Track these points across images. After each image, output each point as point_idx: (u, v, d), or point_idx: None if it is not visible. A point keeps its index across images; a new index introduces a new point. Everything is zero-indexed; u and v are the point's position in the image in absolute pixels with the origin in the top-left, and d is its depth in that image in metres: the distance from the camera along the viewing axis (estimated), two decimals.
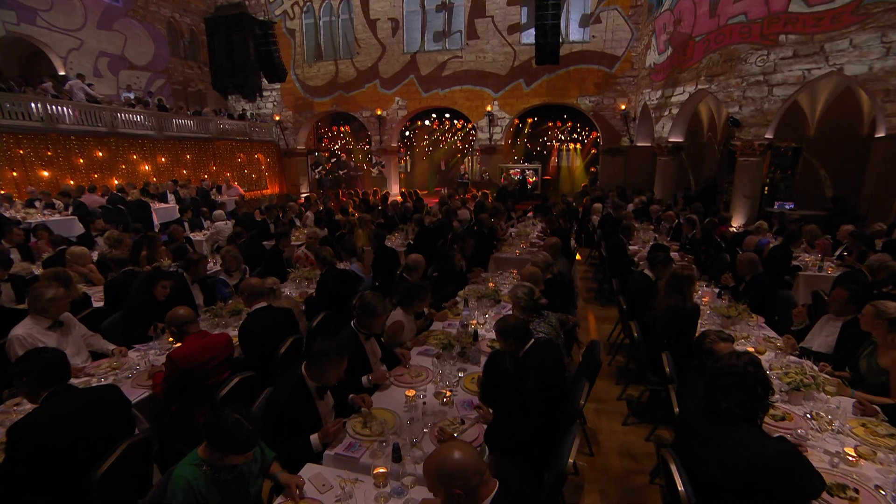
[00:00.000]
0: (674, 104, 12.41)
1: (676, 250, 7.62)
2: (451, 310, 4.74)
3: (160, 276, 4.21)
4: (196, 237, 9.49)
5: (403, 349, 3.86)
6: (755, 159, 10.49)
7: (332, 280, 4.98)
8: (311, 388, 2.76)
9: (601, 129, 16.77)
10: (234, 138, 17.73)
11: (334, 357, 2.72)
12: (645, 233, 8.99)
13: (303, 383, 2.76)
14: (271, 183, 20.00)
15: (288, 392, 2.72)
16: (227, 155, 17.39)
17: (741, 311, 4.35)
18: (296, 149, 20.42)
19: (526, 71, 16.71)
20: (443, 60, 17.58)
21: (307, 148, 21.04)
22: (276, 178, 20.22)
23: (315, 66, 19.14)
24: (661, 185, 13.72)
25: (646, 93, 14.18)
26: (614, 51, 15.78)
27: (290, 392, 2.72)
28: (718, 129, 14.15)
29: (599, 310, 7.37)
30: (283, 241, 6.56)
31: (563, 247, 6.66)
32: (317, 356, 2.71)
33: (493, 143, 17.85)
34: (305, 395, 2.75)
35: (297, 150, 20.50)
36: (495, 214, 8.70)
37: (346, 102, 19.08)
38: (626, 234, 7.32)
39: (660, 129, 13.28)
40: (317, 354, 2.71)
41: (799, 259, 6.77)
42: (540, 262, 4.78)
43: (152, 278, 4.14)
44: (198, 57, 18.71)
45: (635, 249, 7.67)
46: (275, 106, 20.05)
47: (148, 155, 14.02)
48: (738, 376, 2.06)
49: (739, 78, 10.16)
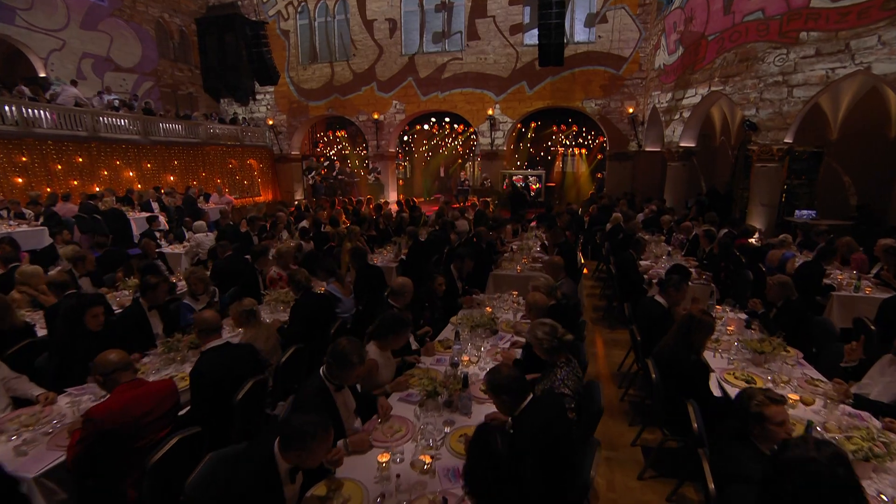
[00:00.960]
0: (685, 107, 11.94)
1: (694, 266, 7.08)
2: (440, 343, 4.20)
3: (88, 302, 3.69)
4: (176, 250, 9.01)
5: (382, 395, 3.33)
6: (773, 165, 9.96)
7: (306, 307, 4.45)
8: (282, 470, 2.22)
9: (608, 134, 16.33)
10: (224, 143, 17.30)
11: (319, 434, 2.16)
12: (657, 246, 8.46)
13: (272, 465, 2.20)
14: (264, 189, 19.59)
15: (252, 476, 2.14)
16: (217, 161, 16.96)
17: (776, 346, 3.80)
18: (290, 154, 20.02)
19: (529, 73, 16.30)
20: (442, 62, 17.19)
21: (302, 153, 20.65)
22: (269, 185, 19.81)
23: (310, 68, 18.76)
24: (672, 192, 13.22)
25: (655, 95, 13.72)
26: (621, 51, 15.34)
27: (255, 476, 2.15)
28: (732, 133, 13.67)
29: (608, 333, 6.82)
30: (260, 261, 6.02)
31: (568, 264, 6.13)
32: (297, 437, 2.15)
33: (495, 148, 17.39)
34: (273, 481, 2.19)
35: (292, 156, 20.10)
36: (497, 227, 8.16)
37: (342, 106, 18.69)
38: (637, 250, 6.78)
39: (670, 133, 12.80)
40: (296, 435, 2.15)
41: (830, 276, 6.21)
42: (543, 287, 4.26)
43: (80, 306, 3.62)
44: (188, 59, 18.32)
45: (646, 265, 7.14)
46: (268, 109, 19.66)
47: (132, 161, 13.57)
48: (819, 479, 1.50)
49: (756, 79, 9.67)
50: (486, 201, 15.02)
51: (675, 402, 3.39)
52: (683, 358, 3.43)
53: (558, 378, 3.06)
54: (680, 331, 3.51)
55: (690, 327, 3.44)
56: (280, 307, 5.27)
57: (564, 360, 3.11)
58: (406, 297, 4.28)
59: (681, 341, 3.48)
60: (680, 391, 3.36)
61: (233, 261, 6.72)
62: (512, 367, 2.63)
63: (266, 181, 19.69)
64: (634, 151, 15.90)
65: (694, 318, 3.43)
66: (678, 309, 4.35)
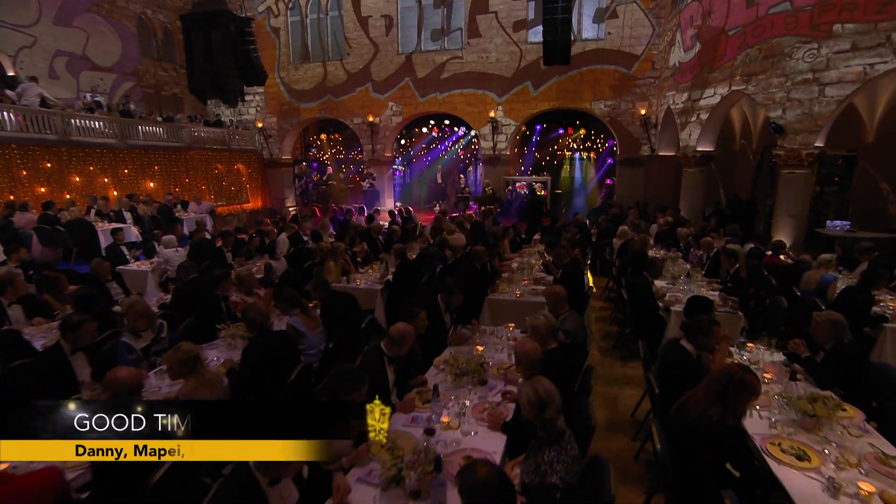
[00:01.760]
0: (702, 108, 11.35)
1: (717, 289, 6.42)
2: (419, 395, 3.56)
3: None
4: (143, 267, 8.40)
5: (338, 471, 2.70)
6: (802, 171, 9.32)
7: (258, 350, 3.83)
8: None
9: (618, 137, 15.74)
10: (210, 147, 16.79)
11: None
12: (673, 263, 7.81)
13: None
14: (253, 196, 19.07)
15: None
16: (202, 165, 16.45)
17: (832, 408, 3.13)
18: (280, 158, 19.51)
19: (534, 73, 15.73)
20: (441, 61, 16.65)
21: (293, 157, 20.15)
22: (258, 191, 19.30)
23: (301, 68, 18.26)
24: (688, 200, 12.60)
25: (669, 95, 13.14)
26: (633, 49, 14.76)
27: None
28: (754, 136, 13.08)
29: (620, 366, 6.15)
30: (222, 285, 5.39)
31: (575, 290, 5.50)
32: None
33: (498, 152, 16.80)
34: None
35: (283, 160, 19.59)
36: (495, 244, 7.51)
37: (336, 108, 18.17)
38: (652, 272, 6.12)
39: (686, 136, 12.19)
40: None
41: (880, 303, 5.53)
42: (541, 329, 3.62)
43: None
44: (173, 58, 17.84)
45: (663, 287, 6.49)
46: (258, 111, 19.17)
47: (108, 166, 13.05)
48: None
49: (783, 77, 9.06)
50: (490, 210, 14.41)
51: (697, 484, 2.76)
52: (716, 422, 2.78)
53: (545, 460, 2.44)
54: (713, 388, 2.87)
55: (728, 387, 2.79)
56: (239, 342, 4.65)
57: (554, 445, 2.47)
58: (404, 347, 3.65)
59: (714, 401, 2.84)
60: (708, 467, 2.73)
61: (198, 284, 6.12)
62: (491, 468, 1.99)
63: (255, 187, 19.17)
64: (647, 156, 15.31)
65: (733, 377, 2.78)
66: (708, 355, 3.71)
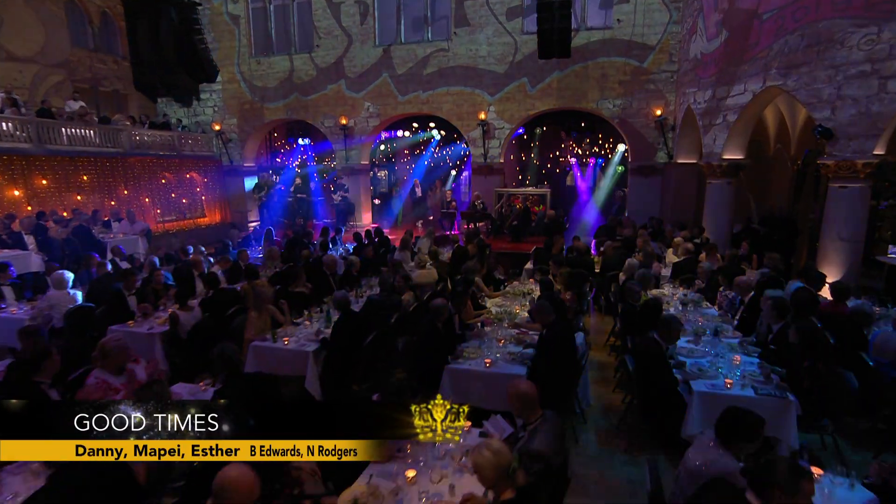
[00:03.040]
0: (730, 108, 10.26)
1: (755, 353, 5.14)
2: None
3: None
4: (17, 313, 7.13)
5: None
6: (857, 185, 8.11)
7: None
8: None
9: (629, 142, 14.73)
10: (156, 153, 15.71)
11: None
12: (695, 308, 6.55)
13: None
14: (210, 209, 17.94)
15: None
16: (145, 175, 15.33)
17: None
18: (242, 166, 18.50)
19: (531, 67, 14.75)
20: (424, 55, 15.68)
21: (258, 165, 19.18)
22: (216, 204, 18.15)
23: (265, 62, 17.28)
24: (713, 216, 11.43)
25: (690, 93, 12.11)
26: (646, 39, 13.76)
27: None
28: (793, 140, 11.98)
29: (622, 464, 4.83)
30: (45, 366, 4.13)
31: (562, 361, 4.27)
32: None
33: (490, 160, 15.73)
34: None
35: (245, 168, 18.57)
36: (462, 291, 6.24)
37: (304, 108, 17.19)
38: (668, 334, 4.80)
39: (710, 141, 11.12)
40: None
41: None
42: (487, 469, 2.36)
43: None
44: (114, 48, 16.77)
45: (686, 349, 5.21)
46: (216, 112, 18.17)
47: (19, 176, 11.87)
48: None
49: (832, 69, 7.88)
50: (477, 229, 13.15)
51: None
52: None
53: None
54: None
55: None
56: None
57: None
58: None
59: None
60: None
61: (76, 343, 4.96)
62: None
63: (212, 199, 18.02)
64: (663, 164, 14.30)
65: None
66: None
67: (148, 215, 15.08)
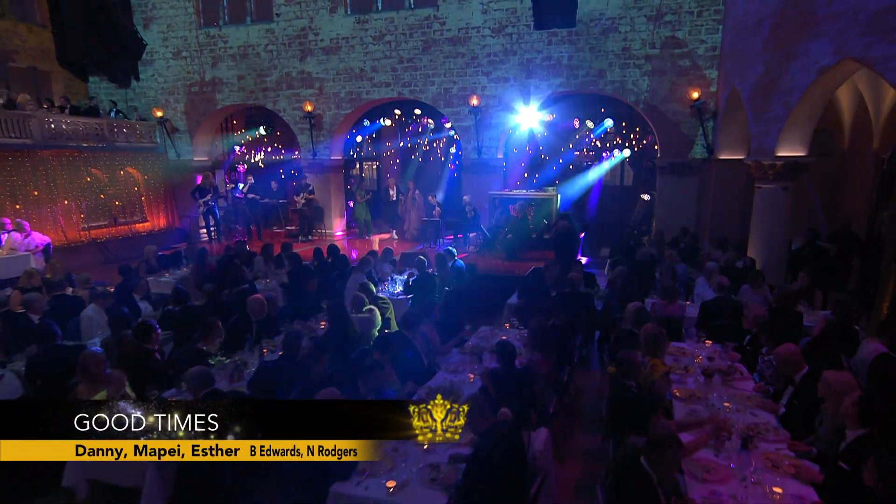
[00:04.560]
0: (789, 88, 9.00)
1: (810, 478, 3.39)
2: None
3: None
4: None
5: None
6: None
7: None
8: None
9: (658, 132, 13.71)
10: (78, 146, 14.59)
11: None
12: (726, 381, 4.92)
13: None
14: (153, 213, 16.94)
15: None
16: (64, 172, 14.23)
17: None
18: (191, 161, 17.58)
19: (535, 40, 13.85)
20: (406, 25, 14.81)
21: (211, 159, 18.27)
22: (160, 206, 17.18)
23: (215, 34, 16.35)
24: (764, 230, 10.27)
25: (736, 69, 11.16)
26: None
27: None
28: (876, 131, 10.96)
29: None
30: None
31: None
32: None
33: (485, 155, 14.80)
34: None
35: (194, 163, 17.64)
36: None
37: (262, 91, 16.29)
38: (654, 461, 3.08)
39: (761, 131, 9.90)
40: None
41: None
42: None
43: None
44: (29, 15, 15.77)
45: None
46: (158, 95, 17.17)
47: None
48: None
49: None
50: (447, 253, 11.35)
51: None
52: None
53: None
54: None
55: None
56: None
57: None
58: None
59: None
60: None
61: None
62: None
63: (155, 200, 17.02)
64: (701, 161, 13.25)
65: None
66: None
67: (67, 222, 13.98)
